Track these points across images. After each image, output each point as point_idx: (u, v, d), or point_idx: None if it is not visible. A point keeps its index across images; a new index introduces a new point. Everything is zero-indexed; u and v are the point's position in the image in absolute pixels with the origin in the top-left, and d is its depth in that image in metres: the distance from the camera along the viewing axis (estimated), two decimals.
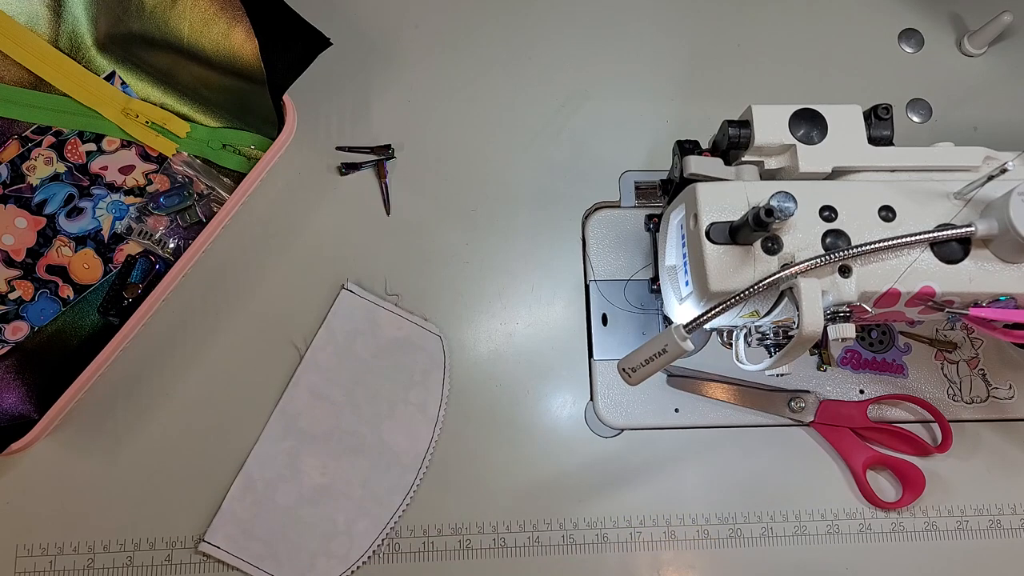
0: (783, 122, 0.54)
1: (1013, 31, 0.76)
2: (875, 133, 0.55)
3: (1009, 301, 0.51)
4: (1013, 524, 0.65)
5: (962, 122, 0.75)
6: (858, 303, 0.51)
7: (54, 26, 0.69)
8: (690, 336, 0.50)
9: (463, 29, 0.75)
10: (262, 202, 0.69)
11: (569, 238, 0.70)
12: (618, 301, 0.69)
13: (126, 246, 0.67)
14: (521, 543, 0.64)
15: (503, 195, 0.71)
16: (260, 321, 0.67)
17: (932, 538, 0.65)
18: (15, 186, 0.67)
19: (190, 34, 0.66)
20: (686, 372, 0.67)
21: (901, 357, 0.69)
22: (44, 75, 0.68)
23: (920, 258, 0.51)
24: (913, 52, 0.77)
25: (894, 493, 0.66)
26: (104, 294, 0.65)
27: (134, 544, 0.63)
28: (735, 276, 0.51)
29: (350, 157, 0.71)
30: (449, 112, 0.73)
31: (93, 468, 0.64)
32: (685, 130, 0.60)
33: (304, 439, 0.64)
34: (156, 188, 0.69)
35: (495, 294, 0.69)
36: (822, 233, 0.51)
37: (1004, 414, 0.68)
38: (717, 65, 0.75)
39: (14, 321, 0.65)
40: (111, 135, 0.69)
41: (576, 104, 0.74)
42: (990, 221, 0.49)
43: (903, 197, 0.52)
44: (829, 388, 0.68)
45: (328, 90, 0.72)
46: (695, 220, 0.52)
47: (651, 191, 0.71)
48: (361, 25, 0.74)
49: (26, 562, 0.62)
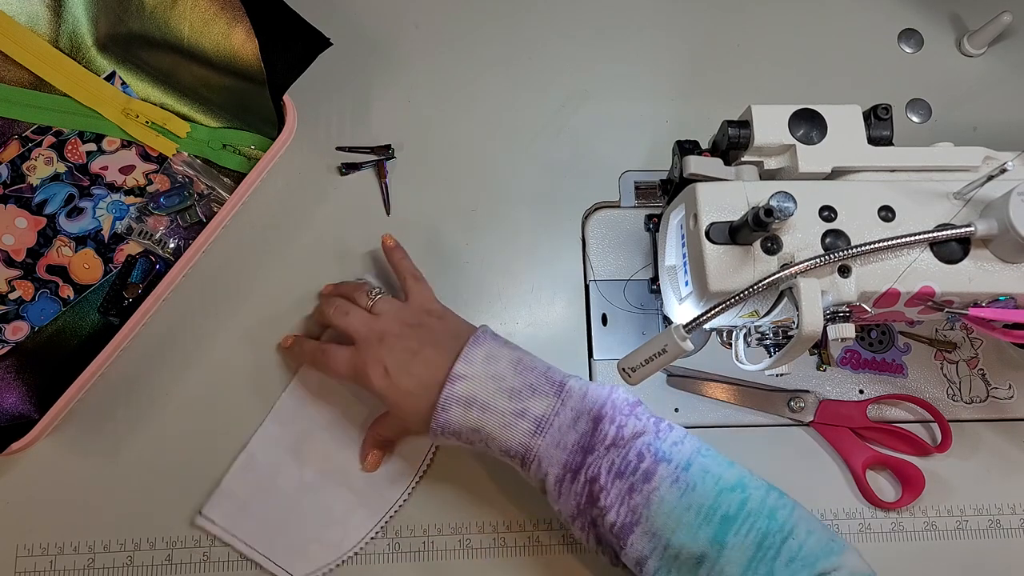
0: (783, 122, 0.54)
1: (1013, 31, 0.76)
2: (875, 133, 0.55)
3: (1009, 301, 0.51)
4: (1013, 524, 0.65)
5: (962, 122, 0.75)
6: (858, 303, 0.51)
7: (54, 26, 0.69)
8: (690, 336, 0.50)
9: (463, 29, 0.75)
10: (262, 202, 0.69)
11: (569, 238, 0.70)
12: (618, 301, 0.69)
13: (126, 246, 0.67)
14: (521, 543, 0.64)
15: (503, 195, 0.71)
16: (260, 321, 0.67)
17: (932, 538, 0.65)
18: (15, 186, 0.67)
19: (190, 34, 0.66)
20: (686, 372, 0.67)
21: (901, 357, 0.69)
22: (44, 75, 0.68)
23: (920, 258, 0.51)
24: (913, 52, 0.77)
25: (894, 493, 0.66)
26: (104, 294, 0.65)
27: (134, 544, 0.63)
28: (735, 276, 0.51)
29: (350, 157, 0.71)
30: (449, 112, 0.73)
31: (93, 468, 0.64)
32: (685, 130, 0.60)
33: (310, 425, 0.64)
34: (156, 188, 0.69)
35: (495, 294, 0.69)
36: (822, 233, 0.51)
37: (1004, 414, 0.68)
38: (717, 65, 0.75)
39: (14, 321, 0.65)
40: (111, 135, 0.69)
41: (576, 104, 0.74)
42: (990, 221, 0.50)
43: (903, 197, 0.52)
44: (829, 388, 0.68)
45: (328, 90, 0.72)
46: (695, 220, 0.52)
47: (651, 191, 0.71)
48: (361, 25, 0.74)
49: (26, 562, 0.62)
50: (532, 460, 0.54)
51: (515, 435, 0.55)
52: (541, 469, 0.54)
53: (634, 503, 0.52)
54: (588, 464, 0.53)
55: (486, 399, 0.55)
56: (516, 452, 0.55)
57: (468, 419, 0.55)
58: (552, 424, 0.54)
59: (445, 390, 0.55)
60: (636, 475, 0.52)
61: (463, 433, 0.56)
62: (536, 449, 0.54)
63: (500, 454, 0.56)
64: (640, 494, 0.52)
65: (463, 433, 0.56)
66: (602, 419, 0.54)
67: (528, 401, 0.55)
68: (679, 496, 0.51)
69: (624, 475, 0.52)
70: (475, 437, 0.56)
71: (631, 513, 0.52)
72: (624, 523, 0.52)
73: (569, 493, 0.54)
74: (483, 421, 0.55)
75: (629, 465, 0.52)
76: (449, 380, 0.55)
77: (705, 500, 0.51)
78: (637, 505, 0.52)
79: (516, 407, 0.55)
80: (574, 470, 0.54)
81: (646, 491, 0.52)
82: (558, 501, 0.55)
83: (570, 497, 0.54)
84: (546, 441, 0.54)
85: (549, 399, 0.55)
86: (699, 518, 0.51)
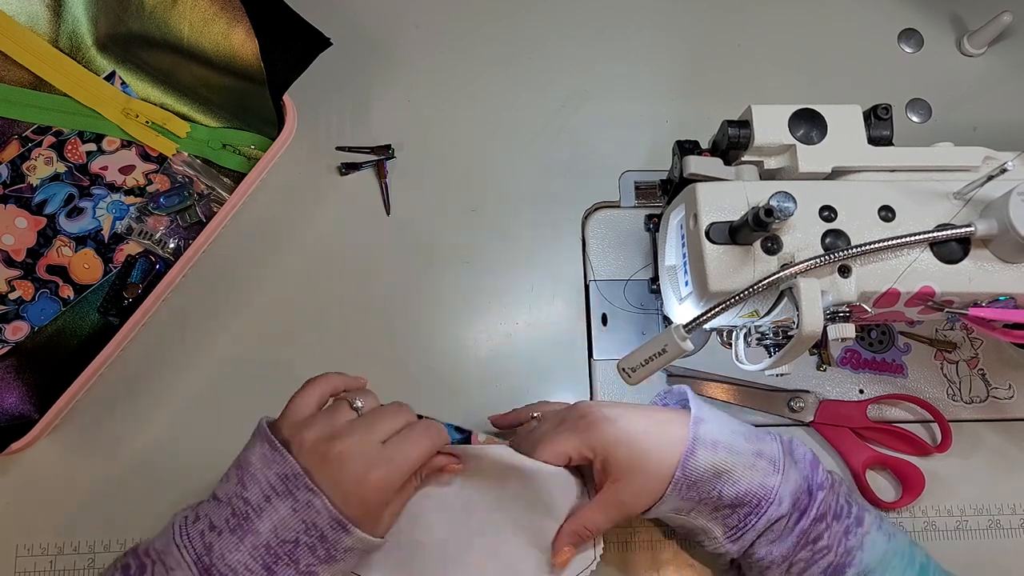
0: (783, 122, 0.54)
1: (1013, 31, 0.76)
2: (875, 133, 0.55)
3: (1008, 301, 0.51)
4: (1013, 524, 0.65)
5: (962, 122, 0.75)
6: (858, 303, 0.51)
7: (54, 26, 0.69)
8: (690, 336, 0.50)
9: (463, 29, 0.75)
10: (262, 202, 0.69)
11: (569, 238, 0.70)
12: (618, 301, 0.69)
13: (126, 246, 0.67)
14: None
15: (503, 195, 0.71)
16: (260, 321, 0.67)
17: (932, 538, 0.65)
18: (15, 186, 0.67)
19: (190, 34, 0.66)
20: (686, 372, 0.67)
21: (901, 357, 0.69)
22: (44, 75, 0.68)
23: (920, 258, 0.51)
24: (913, 52, 0.77)
25: (894, 493, 0.66)
26: (104, 294, 0.65)
27: (134, 544, 0.62)
28: (735, 276, 0.51)
29: (350, 157, 0.71)
30: (449, 112, 0.73)
31: (93, 468, 0.64)
32: (685, 130, 0.60)
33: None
34: (156, 188, 0.69)
35: (495, 294, 0.69)
36: (822, 233, 0.51)
37: (1004, 414, 0.68)
38: (717, 65, 0.75)
39: (14, 321, 0.65)
40: (111, 135, 0.69)
41: (576, 104, 0.74)
42: (990, 221, 0.50)
43: (903, 197, 0.52)
44: (829, 388, 0.68)
45: (328, 90, 0.72)
46: (695, 220, 0.52)
47: (651, 191, 0.71)
48: (361, 25, 0.74)
49: (26, 562, 0.62)
50: (773, 500, 0.53)
51: (756, 476, 0.53)
52: (781, 508, 0.54)
53: (850, 544, 0.53)
54: (814, 504, 0.54)
55: (729, 440, 0.54)
56: (755, 495, 0.53)
57: (715, 460, 0.53)
58: (786, 465, 0.55)
59: (692, 432, 0.53)
60: (851, 518, 0.54)
61: (702, 482, 0.53)
62: (778, 487, 0.54)
63: (726, 503, 0.54)
64: (855, 536, 0.54)
65: (702, 482, 0.53)
66: (817, 465, 0.56)
67: (759, 444, 0.55)
68: (887, 541, 0.54)
69: (840, 518, 0.54)
70: (708, 488, 0.53)
71: (847, 554, 0.53)
72: (839, 563, 0.53)
73: (791, 533, 0.54)
74: (730, 462, 0.53)
75: (843, 509, 0.55)
76: (694, 421, 0.54)
77: (903, 547, 0.54)
78: (852, 547, 0.53)
79: (753, 448, 0.55)
80: (802, 510, 0.54)
81: (859, 534, 0.54)
82: (776, 543, 0.54)
83: (789, 537, 0.54)
84: (786, 478, 0.54)
85: (775, 443, 0.56)
86: (903, 562, 0.54)
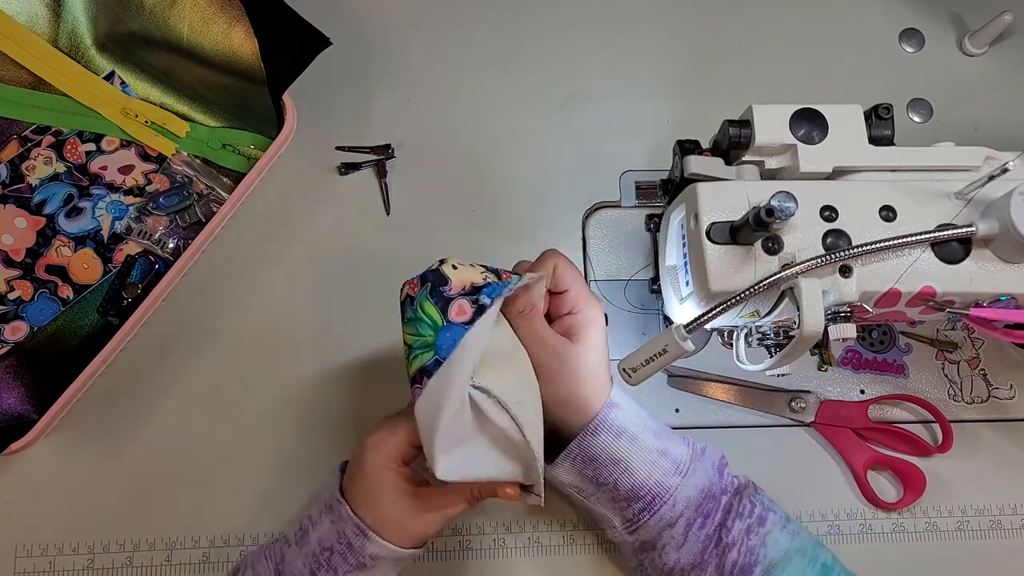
0: (783, 122, 0.54)
1: (1013, 31, 0.76)
2: (876, 133, 0.55)
3: (1010, 301, 0.51)
4: (1014, 524, 0.65)
5: (963, 122, 0.75)
6: (859, 303, 0.51)
7: (54, 26, 0.69)
8: (690, 336, 0.50)
9: (463, 29, 0.75)
10: (262, 202, 0.69)
11: (569, 238, 0.70)
12: (618, 301, 0.69)
13: (126, 246, 0.67)
14: (521, 543, 0.64)
15: (503, 195, 0.71)
16: (259, 321, 0.67)
17: (933, 538, 0.65)
18: (15, 186, 0.67)
19: (190, 34, 0.66)
20: (686, 372, 0.67)
21: (902, 357, 0.68)
22: (44, 75, 0.68)
23: (921, 258, 0.51)
24: (914, 52, 0.77)
25: (895, 493, 0.66)
26: (104, 294, 0.65)
27: (134, 544, 0.62)
28: (735, 276, 0.50)
29: (350, 157, 0.71)
30: (449, 112, 0.73)
31: (93, 468, 0.64)
32: (685, 130, 0.60)
33: None
34: (156, 188, 0.68)
35: None
36: (823, 233, 0.51)
37: (1005, 414, 0.68)
38: (717, 65, 0.75)
39: (14, 321, 0.65)
40: (111, 135, 0.69)
41: (576, 104, 0.74)
42: (991, 221, 0.49)
43: (904, 197, 0.52)
44: (830, 388, 0.68)
45: (328, 90, 0.72)
46: (695, 220, 0.52)
47: (651, 191, 0.71)
48: (361, 25, 0.74)
49: (26, 562, 0.62)
50: (668, 500, 0.54)
51: (654, 473, 0.54)
52: (675, 510, 0.54)
53: (752, 544, 0.54)
54: (719, 508, 0.54)
55: (635, 432, 0.54)
56: (650, 491, 0.54)
57: (615, 448, 0.53)
58: (691, 470, 0.55)
59: (601, 415, 0.53)
60: (752, 518, 0.55)
61: (599, 463, 0.54)
62: (674, 490, 0.54)
63: (623, 495, 0.54)
64: (756, 535, 0.54)
65: (599, 463, 0.54)
66: (724, 469, 0.57)
67: (669, 443, 0.55)
68: (790, 540, 0.54)
69: (742, 516, 0.55)
70: (606, 473, 0.54)
71: (750, 554, 0.53)
72: (744, 563, 0.53)
73: (697, 539, 0.54)
74: (630, 453, 0.54)
75: (746, 508, 0.55)
76: (608, 405, 0.54)
77: (806, 546, 0.54)
78: (754, 546, 0.53)
79: (660, 446, 0.55)
80: (705, 515, 0.54)
81: (761, 533, 0.54)
82: (680, 548, 0.54)
83: (696, 543, 0.54)
84: (686, 483, 0.54)
85: (686, 447, 0.56)
86: (805, 560, 0.54)
